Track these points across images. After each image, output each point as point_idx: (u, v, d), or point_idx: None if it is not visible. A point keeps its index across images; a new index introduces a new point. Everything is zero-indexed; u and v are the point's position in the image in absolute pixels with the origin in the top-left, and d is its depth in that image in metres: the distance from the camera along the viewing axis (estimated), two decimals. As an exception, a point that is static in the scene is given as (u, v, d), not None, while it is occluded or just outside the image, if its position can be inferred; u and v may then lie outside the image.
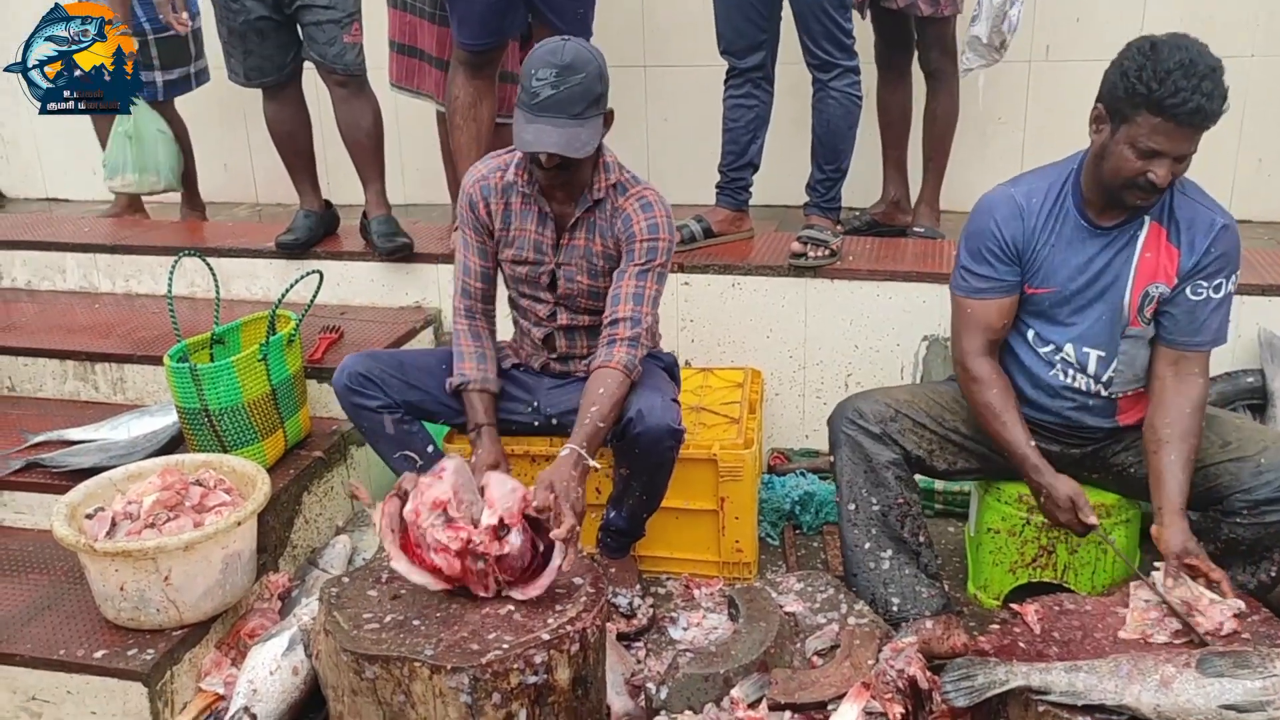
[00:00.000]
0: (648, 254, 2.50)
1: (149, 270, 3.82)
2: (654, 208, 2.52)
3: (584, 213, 2.54)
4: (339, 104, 3.56)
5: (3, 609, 2.50)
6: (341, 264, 3.66)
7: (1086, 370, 2.41)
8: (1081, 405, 2.45)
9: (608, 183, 2.54)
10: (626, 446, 2.48)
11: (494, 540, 2.10)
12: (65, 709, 2.37)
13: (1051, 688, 1.91)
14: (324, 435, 3.02)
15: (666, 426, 2.43)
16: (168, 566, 2.31)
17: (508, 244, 2.63)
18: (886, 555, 2.48)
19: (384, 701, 2.03)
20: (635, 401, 2.43)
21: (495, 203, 2.60)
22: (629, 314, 2.47)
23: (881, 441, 2.48)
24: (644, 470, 2.53)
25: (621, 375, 2.43)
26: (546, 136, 2.35)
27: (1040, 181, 2.42)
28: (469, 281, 2.67)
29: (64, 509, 2.42)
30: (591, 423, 2.35)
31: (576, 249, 2.57)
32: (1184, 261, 2.31)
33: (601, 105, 2.40)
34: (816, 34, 3.17)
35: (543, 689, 2.04)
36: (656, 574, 2.88)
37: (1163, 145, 2.17)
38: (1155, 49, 2.15)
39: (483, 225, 2.63)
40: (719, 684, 2.13)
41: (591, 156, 2.48)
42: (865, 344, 3.33)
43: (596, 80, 2.37)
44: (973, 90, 4.08)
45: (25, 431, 3.03)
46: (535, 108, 2.35)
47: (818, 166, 3.36)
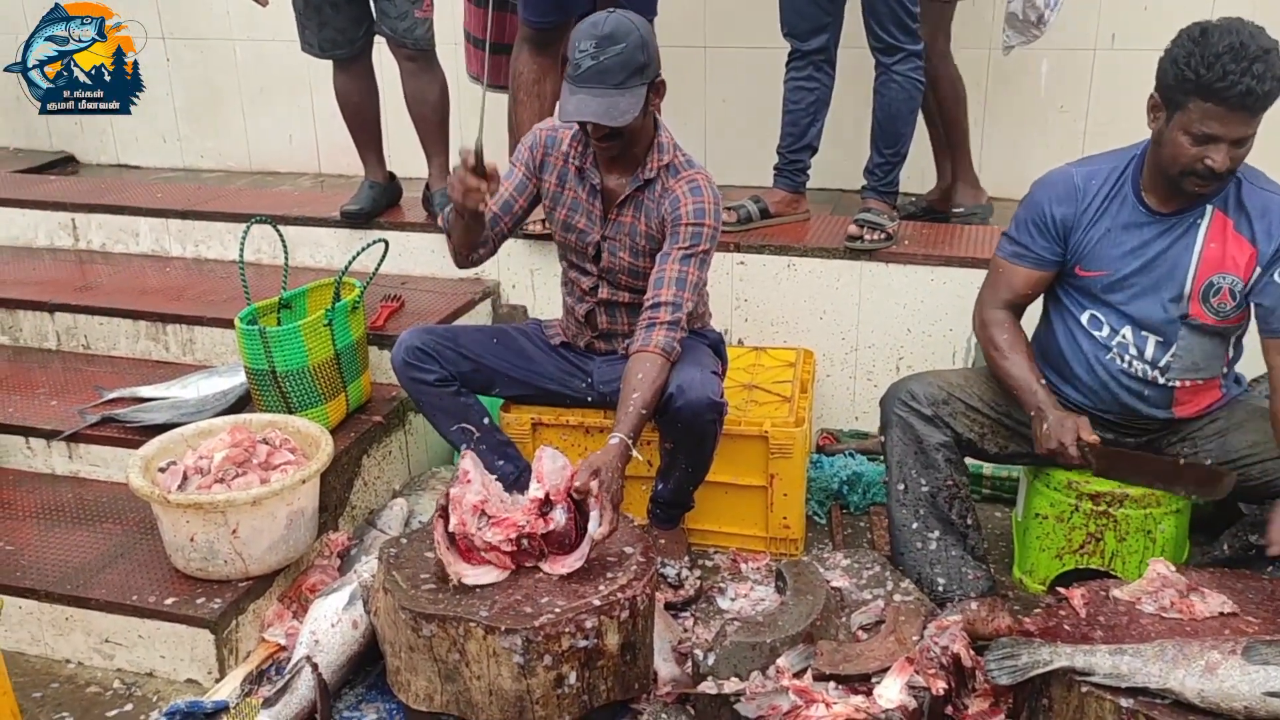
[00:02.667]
0: (691, 238, 2.53)
1: (218, 236, 3.92)
2: (703, 191, 2.55)
3: (634, 190, 2.58)
4: (407, 78, 3.62)
5: (79, 556, 2.61)
6: (403, 235, 3.73)
7: (1144, 355, 2.41)
8: (1137, 393, 2.45)
9: (660, 163, 2.57)
10: (668, 421, 2.52)
11: (538, 518, 2.20)
12: (136, 652, 2.47)
13: (1095, 669, 1.93)
14: (384, 401, 3.10)
15: (706, 399, 2.47)
16: (236, 520, 2.40)
17: (559, 204, 2.67)
18: (934, 536, 2.51)
19: (439, 659, 2.11)
20: (675, 377, 2.47)
21: (555, 157, 2.65)
22: (670, 299, 2.50)
23: (933, 423, 2.50)
24: (687, 444, 2.57)
25: (661, 359, 2.46)
26: (586, 106, 2.40)
27: (1104, 164, 2.43)
28: (499, 215, 2.68)
29: (139, 462, 2.52)
30: (635, 411, 2.39)
31: (623, 225, 2.61)
32: (1262, 250, 2.30)
33: (646, 75, 2.43)
34: (883, 16, 3.17)
35: (592, 653, 2.10)
36: (705, 547, 2.93)
37: (1216, 130, 2.17)
38: (1205, 34, 2.16)
39: (533, 167, 2.68)
40: (765, 653, 2.17)
41: (644, 131, 2.52)
42: (918, 328, 3.34)
43: (638, 49, 2.39)
44: (1035, 77, 4.06)
45: (100, 388, 3.14)
46: (577, 79, 2.41)
47: (877, 150, 3.37)
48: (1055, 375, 2.54)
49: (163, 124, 5.04)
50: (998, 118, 4.14)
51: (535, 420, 2.90)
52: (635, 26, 2.41)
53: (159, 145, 5.11)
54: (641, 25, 2.43)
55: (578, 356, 2.83)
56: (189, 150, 5.07)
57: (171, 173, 5.02)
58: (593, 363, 2.81)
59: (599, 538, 2.19)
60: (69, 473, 3.00)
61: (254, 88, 4.86)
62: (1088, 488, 2.53)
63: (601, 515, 2.20)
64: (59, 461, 3.01)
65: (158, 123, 5.03)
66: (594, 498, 2.20)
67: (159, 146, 5.11)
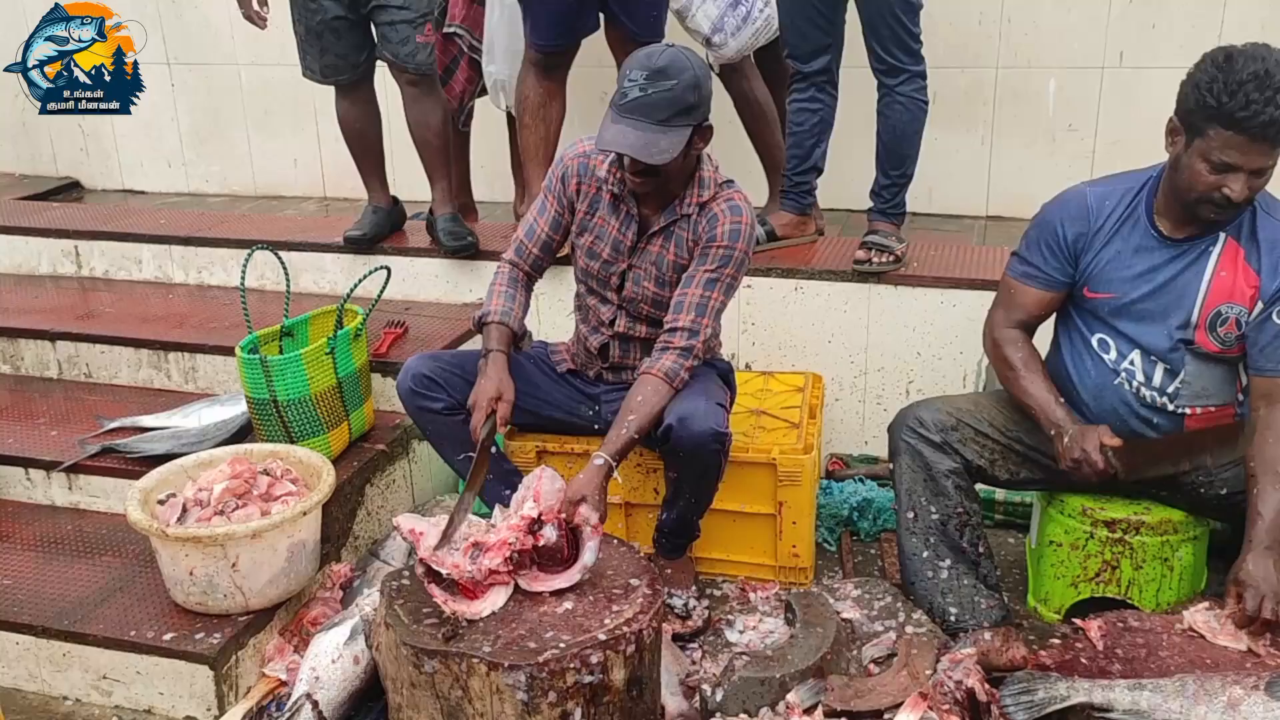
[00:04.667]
0: (720, 260, 2.48)
1: (220, 262, 3.91)
2: (741, 211, 2.50)
3: (668, 223, 2.54)
4: (409, 103, 3.60)
5: (77, 589, 2.58)
6: (407, 260, 3.71)
7: (1152, 381, 2.37)
8: (1146, 419, 2.40)
9: (699, 199, 2.51)
10: (671, 452, 2.48)
11: (527, 534, 2.19)
12: (135, 689, 2.44)
13: (1114, 705, 1.88)
14: (387, 428, 3.07)
15: (710, 430, 2.42)
16: (235, 553, 2.37)
17: (586, 230, 2.62)
18: (945, 564, 2.46)
19: (442, 695, 2.07)
20: (677, 407, 2.43)
21: (587, 184, 2.60)
22: (688, 324, 2.46)
23: (942, 450, 2.46)
24: (691, 474, 2.53)
25: (664, 384, 2.43)
26: (624, 138, 2.34)
27: (1118, 185, 2.39)
28: (527, 244, 2.68)
29: (137, 494, 2.49)
30: (626, 433, 2.37)
31: (650, 254, 2.57)
32: (1265, 284, 2.25)
33: (693, 116, 2.37)
34: (885, 39, 3.14)
35: (598, 688, 2.05)
36: (713, 576, 2.88)
37: (1236, 159, 2.12)
38: (1229, 60, 2.11)
39: (567, 199, 2.63)
40: (775, 688, 2.13)
41: (683, 171, 2.46)
42: (927, 351, 3.30)
43: (689, 90, 2.34)
44: (1043, 96, 4.04)
45: (101, 417, 3.12)
46: (622, 108, 2.36)
47: (883, 172, 3.33)
48: (1068, 400, 2.49)
49: (168, 149, 5.04)
50: (1005, 136, 4.12)
51: (540, 448, 2.86)
52: (691, 65, 2.35)
53: (164, 170, 5.12)
54: (698, 66, 2.37)
55: (585, 384, 2.79)
56: (194, 175, 5.07)
57: (177, 197, 5.02)
58: (600, 391, 2.77)
59: (589, 565, 2.19)
60: (69, 504, 2.98)
61: (259, 112, 4.86)
62: (1103, 514, 2.49)
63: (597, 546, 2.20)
64: (59, 493, 2.98)
65: (163, 147, 5.03)
66: (591, 528, 2.20)
67: (164, 171, 5.12)
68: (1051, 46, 3.99)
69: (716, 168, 2.56)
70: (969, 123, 4.15)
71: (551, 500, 2.22)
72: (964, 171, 4.20)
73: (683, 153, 2.39)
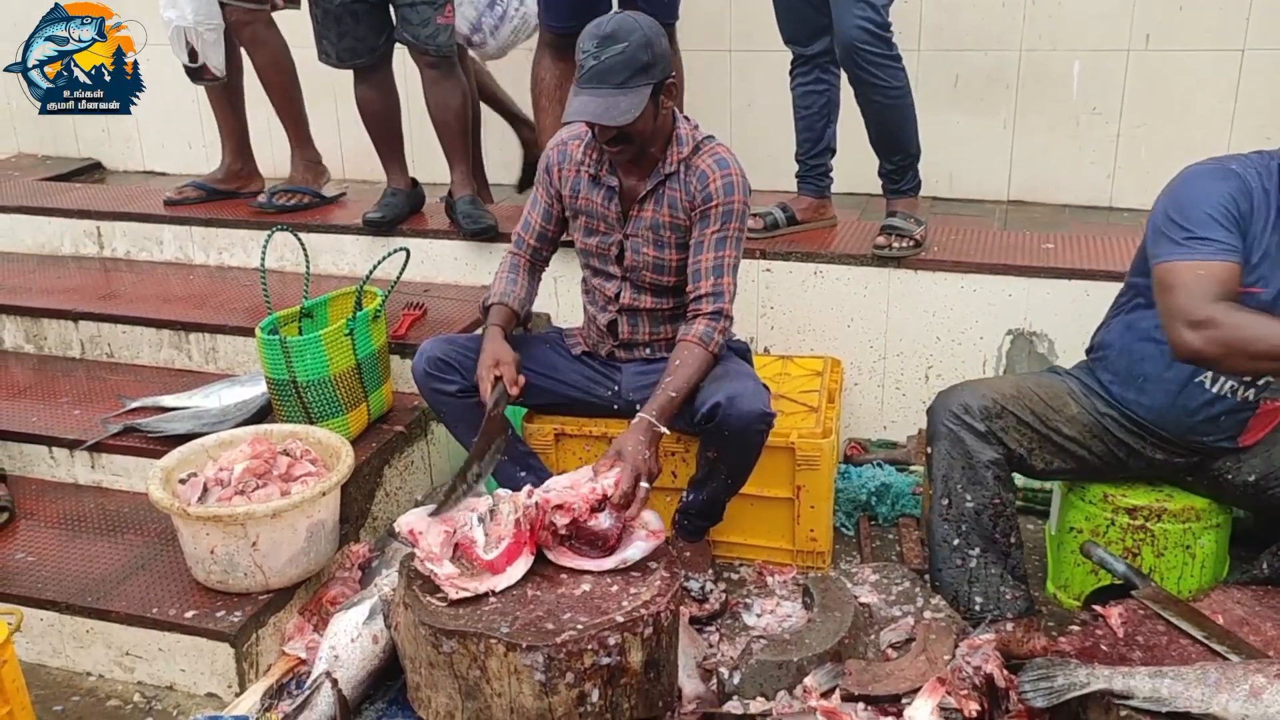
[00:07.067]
0: (723, 218, 2.50)
1: (240, 244, 3.92)
2: (729, 164, 2.51)
3: (654, 186, 2.55)
4: (429, 85, 3.59)
5: (100, 567, 2.60)
6: (426, 242, 3.71)
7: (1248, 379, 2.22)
8: (1214, 419, 2.30)
9: (680, 157, 2.53)
10: (715, 431, 2.47)
11: (589, 511, 2.21)
12: (156, 665, 2.46)
13: (1134, 692, 1.87)
14: (406, 410, 3.08)
15: (758, 411, 2.44)
16: (256, 532, 2.38)
17: (578, 213, 2.66)
18: (974, 553, 2.43)
19: (460, 675, 2.07)
20: (726, 387, 2.43)
21: (568, 169, 2.65)
22: (710, 289, 2.49)
23: (985, 439, 2.39)
24: (733, 454, 2.53)
25: (699, 348, 2.45)
26: (586, 107, 2.38)
27: (1250, 166, 2.14)
28: (524, 236, 2.75)
29: (159, 473, 2.51)
30: (664, 393, 2.39)
31: (644, 220, 2.58)
32: None
33: (651, 74, 2.39)
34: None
35: (615, 670, 2.06)
36: (730, 560, 2.88)
37: None
38: None
39: (553, 188, 2.69)
40: (792, 672, 2.12)
41: (659, 132, 2.49)
42: (947, 336, 3.28)
43: (641, 49, 2.36)
44: (1067, 79, 3.99)
45: (123, 397, 3.14)
46: (581, 80, 2.40)
47: (884, 159, 3.28)
48: (1123, 384, 2.39)
49: (188, 130, 5.05)
50: (1028, 120, 4.08)
51: (558, 431, 2.86)
52: (639, 26, 2.38)
53: (185, 151, 5.13)
54: (647, 25, 2.40)
55: (602, 365, 2.79)
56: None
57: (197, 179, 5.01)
58: (619, 371, 2.77)
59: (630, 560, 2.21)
60: (91, 482, 3.00)
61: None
62: (1124, 501, 2.47)
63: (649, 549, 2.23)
64: (81, 471, 3.00)
65: (183, 129, 5.04)
66: (649, 532, 2.24)
67: (185, 153, 5.13)
68: (1076, 28, 3.94)
69: (696, 125, 2.57)
70: (991, 106, 4.10)
71: (623, 497, 2.23)
72: (985, 156, 4.16)
73: (652, 113, 2.42)
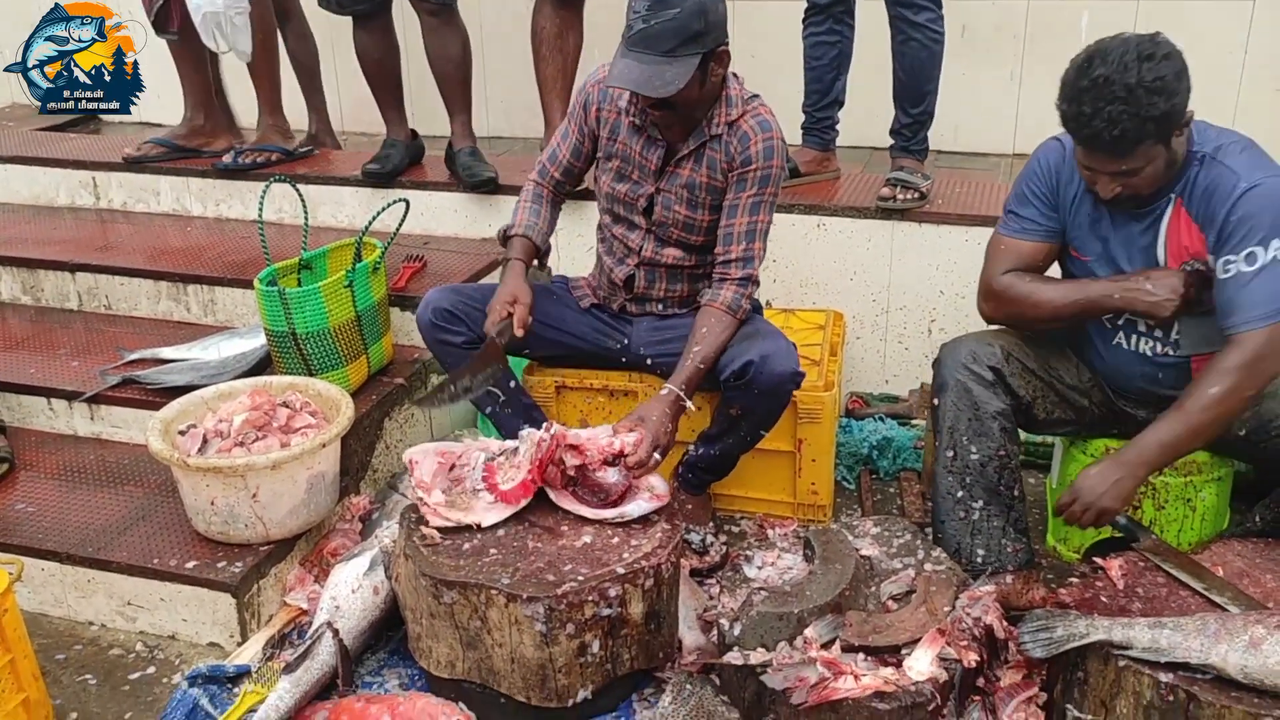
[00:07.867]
0: (760, 182, 2.46)
1: (239, 195, 3.88)
2: (771, 126, 2.46)
3: (697, 146, 2.49)
4: (428, 34, 3.54)
5: (101, 518, 2.60)
6: (426, 194, 3.68)
7: (1152, 331, 2.31)
8: (1151, 376, 2.35)
9: (726, 119, 2.46)
10: (745, 388, 2.44)
11: (600, 463, 2.25)
12: (158, 615, 2.47)
13: (1133, 643, 1.87)
14: (406, 363, 3.07)
15: (790, 370, 2.43)
16: (256, 484, 2.38)
17: (611, 156, 2.59)
18: (978, 506, 2.42)
19: (461, 626, 2.08)
20: (759, 345, 2.42)
21: (608, 111, 2.57)
22: (741, 254, 2.47)
23: (993, 389, 2.38)
24: (759, 412, 2.52)
25: (727, 316, 2.44)
26: (629, 72, 2.30)
27: None
28: (549, 167, 2.70)
29: (158, 424, 2.50)
30: (693, 364, 2.38)
31: (680, 178, 2.52)
32: (1208, 237, 2.15)
33: (702, 43, 2.30)
34: None
35: (616, 621, 2.06)
36: (731, 513, 2.88)
37: (1086, 162, 2.08)
38: (1087, 62, 2.02)
39: (589, 126, 2.61)
40: (793, 623, 2.12)
41: (704, 98, 2.41)
42: (950, 289, 3.26)
43: (694, 17, 2.27)
44: (1075, 29, 3.93)
45: (121, 349, 3.13)
46: (628, 41, 2.31)
47: (903, 110, 3.25)
48: (1078, 350, 2.46)
49: (184, 81, 4.98)
50: (1035, 72, 4.03)
51: (559, 383, 2.85)
52: None
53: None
54: None
55: (613, 318, 2.76)
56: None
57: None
58: (630, 325, 2.74)
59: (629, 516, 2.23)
60: (91, 434, 2.99)
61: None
62: (1126, 455, 2.46)
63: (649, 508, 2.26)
64: (81, 423, 3.00)
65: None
66: (653, 495, 2.26)
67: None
68: (1086, -22, 3.88)
69: (742, 83, 2.51)
70: (998, 57, 4.05)
71: (638, 460, 2.26)
72: (991, 108, 4.11)
73: (700, 81, 2.34)
